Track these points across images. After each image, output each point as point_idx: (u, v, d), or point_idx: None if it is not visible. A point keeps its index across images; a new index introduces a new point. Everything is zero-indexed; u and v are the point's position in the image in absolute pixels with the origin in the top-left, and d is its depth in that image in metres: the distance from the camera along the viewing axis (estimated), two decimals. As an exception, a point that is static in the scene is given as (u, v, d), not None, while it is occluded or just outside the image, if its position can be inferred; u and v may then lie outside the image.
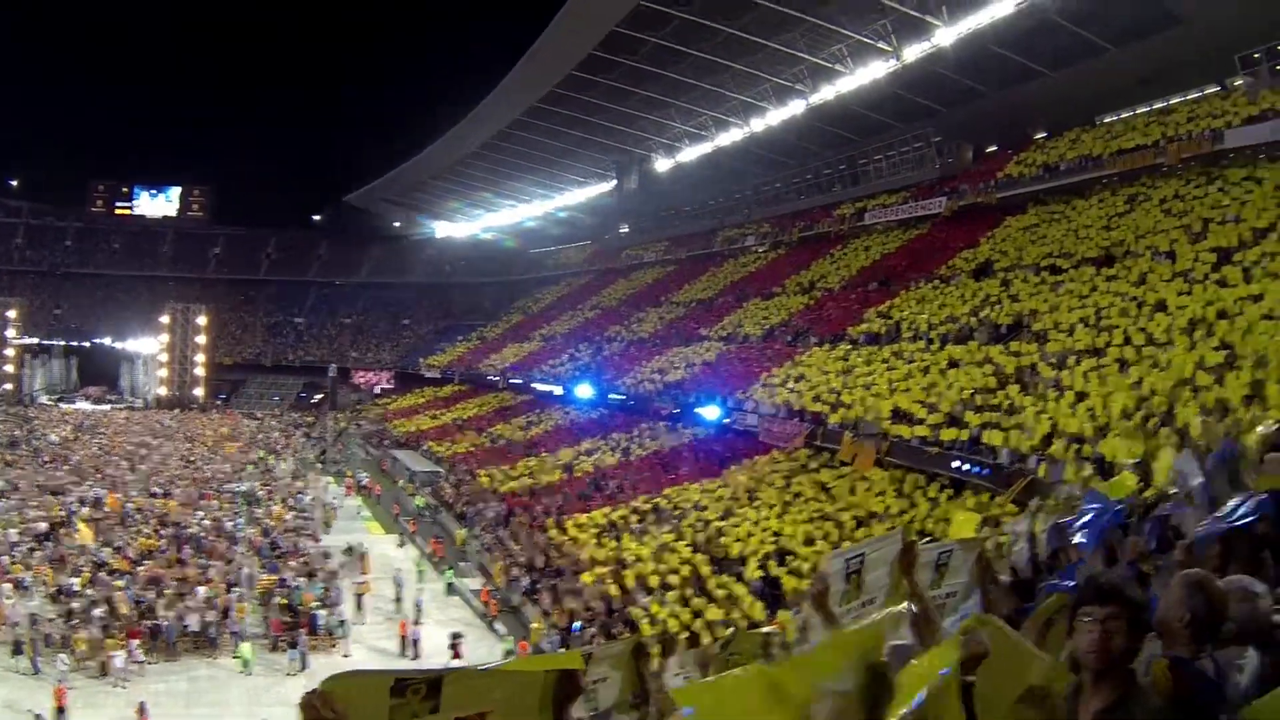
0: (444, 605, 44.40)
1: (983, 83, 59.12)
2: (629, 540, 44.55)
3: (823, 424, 45.91)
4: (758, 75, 65.49)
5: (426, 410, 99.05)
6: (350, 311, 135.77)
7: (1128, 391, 31.97)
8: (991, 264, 53.24)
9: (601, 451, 62.77)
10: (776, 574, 36.35)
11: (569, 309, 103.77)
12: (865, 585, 5.24)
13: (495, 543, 51.00)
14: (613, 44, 62.51)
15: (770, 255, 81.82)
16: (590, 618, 37.68)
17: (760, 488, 45.57)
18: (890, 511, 37.82)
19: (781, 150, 76.33)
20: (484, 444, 75.94)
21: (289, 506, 58.73)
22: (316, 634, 37.58)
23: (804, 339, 59.71)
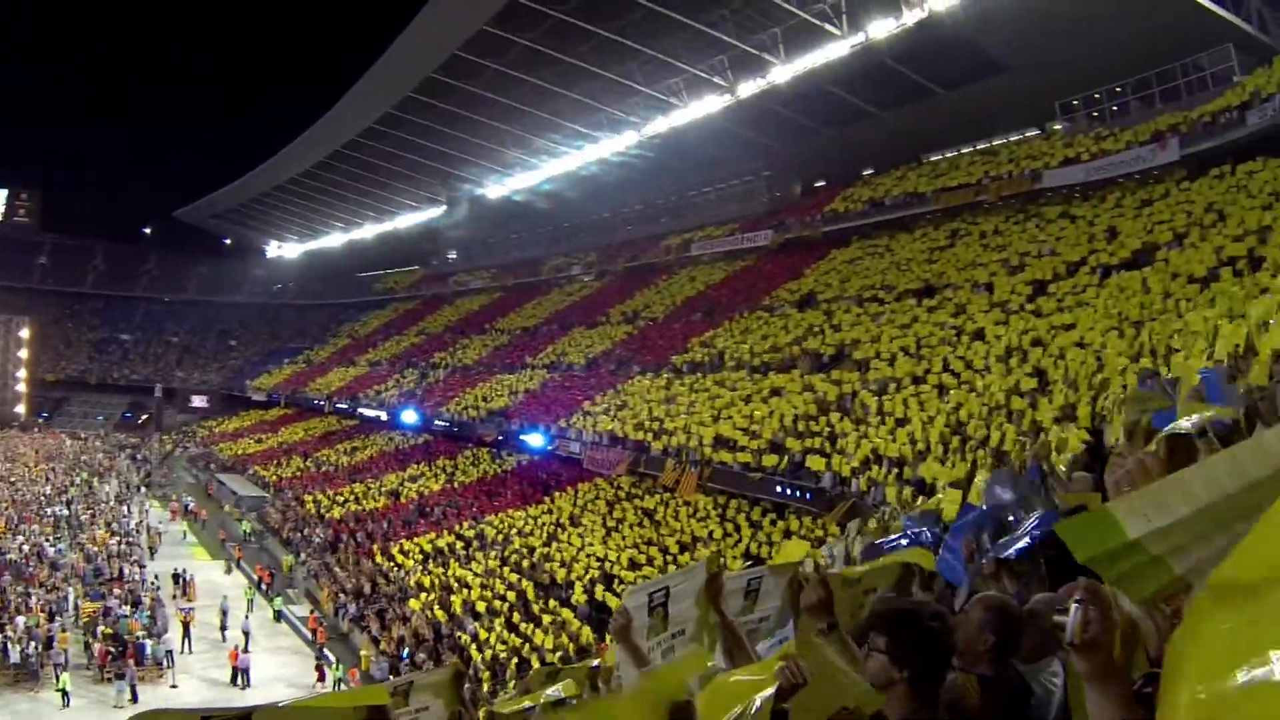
0: (272, 633, 43.65)
1: (815, 120, 60.24)
2: (455, 566, 44.47)
3: (645, 451, 46.28)
4: (591, 104, 65.54)
5: (253, 434, 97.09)
6: (178, 330, 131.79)
7: (946, 416, 32.62)
8: (815, 295, 54.12)
9: (426, 477, 62.40)
10: (604, 599, 36.57)
11: (395, 333, 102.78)
12: (672, 618, 5.17)
13: (322, 569, 50.47)
14: (453, 68, 62.05)
15: (596, 285, 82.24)
16: (419, 644, 37.47)
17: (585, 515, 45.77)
18: (714, 536, 38.46)
19: (612, 180, 76.44)
20: (310, 469, 75.00)
21: (113, 531, 56.95)
22: (143, 664, 36.29)
23: (627, 368, 60.01)
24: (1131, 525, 2.30)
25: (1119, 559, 2.33)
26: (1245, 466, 2.26)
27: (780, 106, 58.01)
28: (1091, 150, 46.47)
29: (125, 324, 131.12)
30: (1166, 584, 2.33)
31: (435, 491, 59.14)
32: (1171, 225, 38.06)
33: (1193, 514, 2.24)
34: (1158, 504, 2.30)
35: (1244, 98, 39.55)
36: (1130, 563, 2.33)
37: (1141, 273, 35.73)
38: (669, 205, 77.05)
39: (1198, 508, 2.24)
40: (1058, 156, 48.43)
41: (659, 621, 5.08)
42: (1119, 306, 33.63)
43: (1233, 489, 2.23)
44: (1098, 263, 39.11)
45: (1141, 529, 2.28)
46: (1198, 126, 41.65)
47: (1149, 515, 2.28)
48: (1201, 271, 32.45)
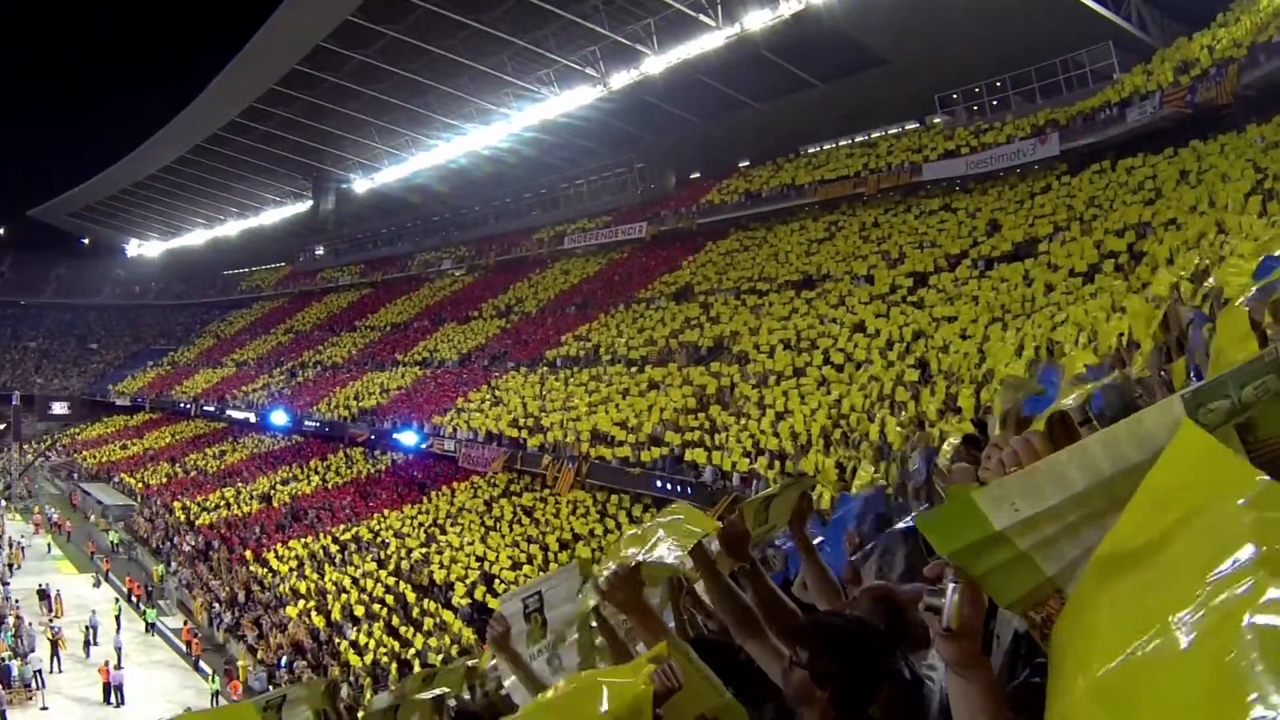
0: (146, 647, 42.71)
1: (690, 111, 59.96)
2: (331, 570, 44.09)
3: (522, 448, 46.05)
4: (462, 97, 64.72)
5: (117, 440, 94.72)
6: (35, 334, 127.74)
7: (828, 409, 32.53)
8: (692, 287, 54.22)
9: (298, 480, 61.49)
10: (484, 599, 36.49)
11: (262, 333, 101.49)
12: (551, 623, 5.06)
13: (194, 578, 49.93)
14: (318, 60, 60.93)
15: (467, 279, 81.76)
16: (299, 652, 37.31)
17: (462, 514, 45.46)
18: (595, 532, 38.45)
19: (484, 173, 75.76)
20: (179, 474, 73.24)
21: (-28, 548, 55.28)
22: (10, 686, 35.16)
23: (501, 363, 59.61)
24: (996, 515, 2.14)
25: (983, 553, 2.18)
26: (1123, 448, 2.06)
27: (653, 97, 57.68)
28: (971, 144, 46.95)
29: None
30: (1034, 588, 2.18)
31: (308, 494, 58.22)
32: (1053, 219, 38.78)
33: (1064, 501, 2.09)
34: (1028, 489, 2.12)
35: (1124, 94, 40.22)
36: (995, 558, 2.18)
37: (1023, 265, 36.35)
38: (541, 198, 76.54)
39: (1070, 494, 2.08)
40: (938, 149, 48.83)
41: (536, 628, 5.00)
42: (1001, 299, 33.91)
43: (1109, 472, 2.05)
44: (979, 255, 39.64)
45: (1008, 519, 2.12)
46: (1077, 122, 42.34)
47: (1017, 503, 2.11)
48: (1083, 265, 33.04)
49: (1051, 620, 2.07)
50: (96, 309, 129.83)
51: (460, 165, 73.64)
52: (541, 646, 5.00)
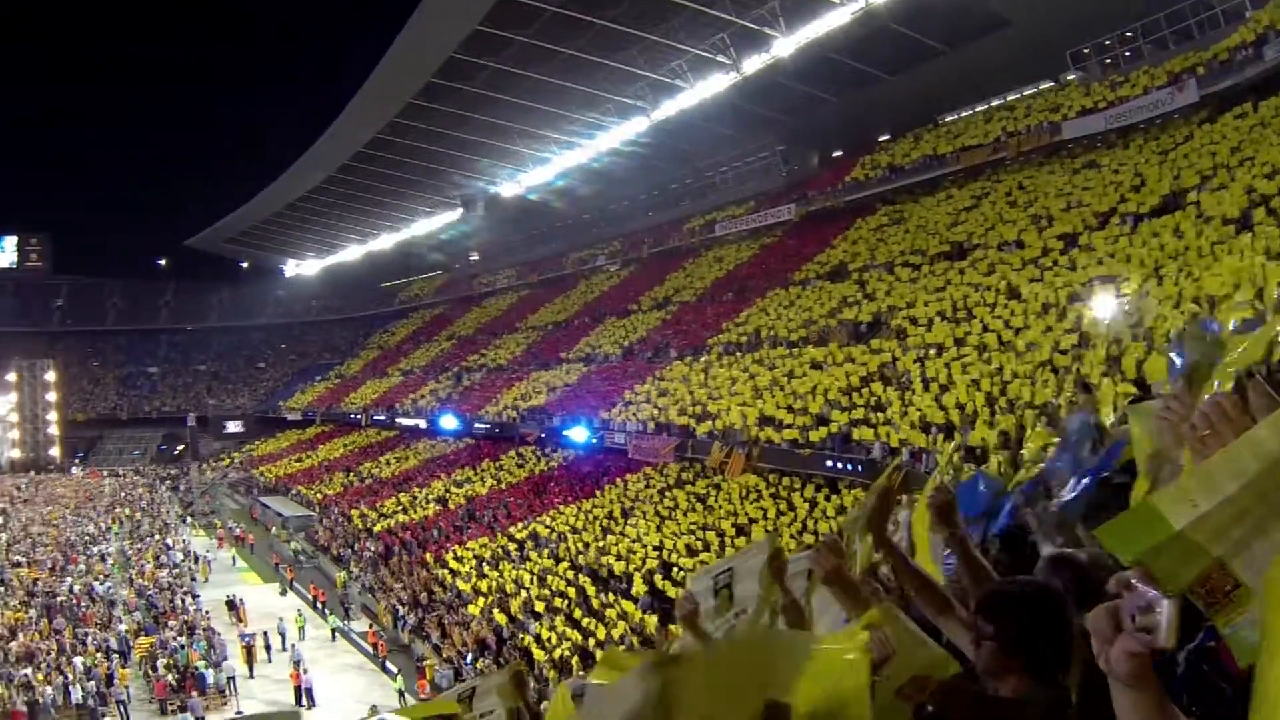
0: (332, 651, 43.74)
1: (823, 90, 60.05)
2: (509, 568, 44.38)
3: (691, 436, 46.19)
4: (599, 95, 65.40)
5: (291, 454, 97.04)
6: (204, 357, 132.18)
7: (991, 379, 32.59)
8: (845, 265, 53.93)
9: (473, 481, 62.21)
10: (663, 587, 36.60)
11: (425, 341, 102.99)
12: (737, 598, 4.96)
13: (376, 582, 50.65)
14: (450, 72, 62.01)
15: (623, 273, 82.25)
16: (482, 649, 37.60)
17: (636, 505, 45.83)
18: (768, 516, 38.29)
19: (628, 168, 76.27)
20: (354, 483, 74.92)
21: (160, 564, 57.10)
22: (205, 693, 36.34)
23: (664, 354, 59.99)
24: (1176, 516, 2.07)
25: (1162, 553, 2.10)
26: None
27: (787, 79, 57.73)
28: (1108, 98, 46.10)
29: (150, 357, 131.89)
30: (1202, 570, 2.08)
31: (483, 495, 58.90)
32: (1198, 168, 37.51)
33: (1239, 489, 2.05)
34: (1208, 484, 2.08)
35: (1259, 31, 39.08)
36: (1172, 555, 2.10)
37: (1173, 218, 35.42)
38: (688, 188, 76.92)
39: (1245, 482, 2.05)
40: (1075, 106, 48.01)
41: (723, 602, 4.96)
42: (1153, 255, 33.44)
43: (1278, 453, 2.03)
44: (1127, 211, 38.73)
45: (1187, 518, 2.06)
46: (1214, 66, 41.22)
47: (1197, 499, 2.06)
48: (1234, 213, 32.10)
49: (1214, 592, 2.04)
50: (261, 329, 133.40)
51: (604, 162, 74.39)
52: (724, 620, 4.93)
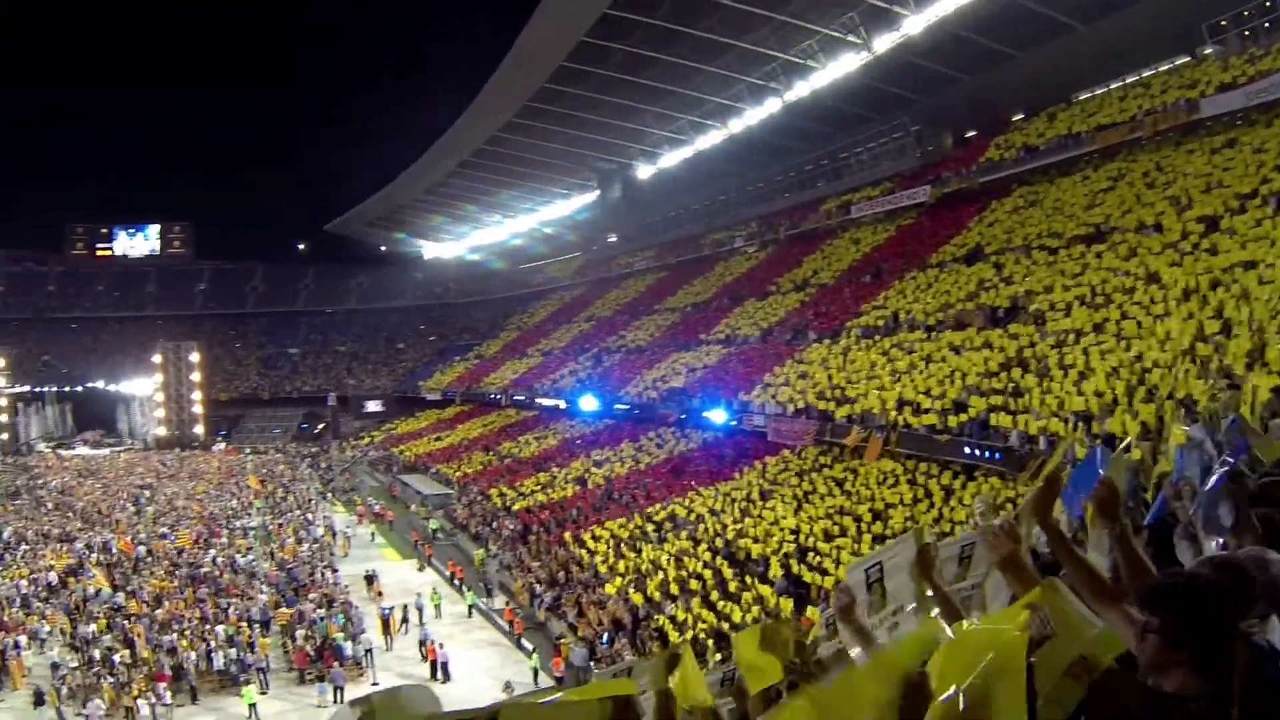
0: (468, 627, 44.45)
1: (955, 68, 59.79)
2: (647, 548, 44.67)
3: (830, 420, 46.17)
4: (731, 76, 65.92)
5: (430, 433, 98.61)
6: (344, 339, 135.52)
7: (1130, 366, 32.40)
8: (982, 248, 53.48)
9: (611, 462, 62.68)
10: (799, 572, 36.57)
11: (564, 322, 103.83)
12: (889, 593, 5.12)
13: (514, 560, 51.18)
14: (582, 54, 62.87)
15: (760, 255, 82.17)
16: (618, 629, 37.97)
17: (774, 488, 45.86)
18: (905, 501, 38.27)
19: (762, 149, 76.57)
20: (493, 462, 75.69)
21: (300, 539, 58.87)
22: (343, 664, 37.52)
23: (803, 336, 59.86)
24: None
25: None
26: None
27: (918, 58, 57.90)
28: (1248, 73, 44.90)
29: (291, 339, 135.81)
30: None
31: (622, 475, 59.27)
32: None
33: None
34: None
35: None
36: None
37: None
38: (822, 169, 76.41)
39: None
40: (1213, 82, 46.81)
41: (878, 597, 5.08)
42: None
43: None
44: (1270, 192, 37.56)
45: None
46: (1361, 33, 40.18)
47: None
48: None
49: None
50: (400, 311, 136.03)
51: (739, 144, 74.55)
52: (883, 615, 5.08)
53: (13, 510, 71.61)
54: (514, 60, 65.92)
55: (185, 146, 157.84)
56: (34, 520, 66.91)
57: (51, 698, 34.17)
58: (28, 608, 44.73)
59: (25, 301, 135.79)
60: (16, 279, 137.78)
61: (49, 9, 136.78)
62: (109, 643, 38.89)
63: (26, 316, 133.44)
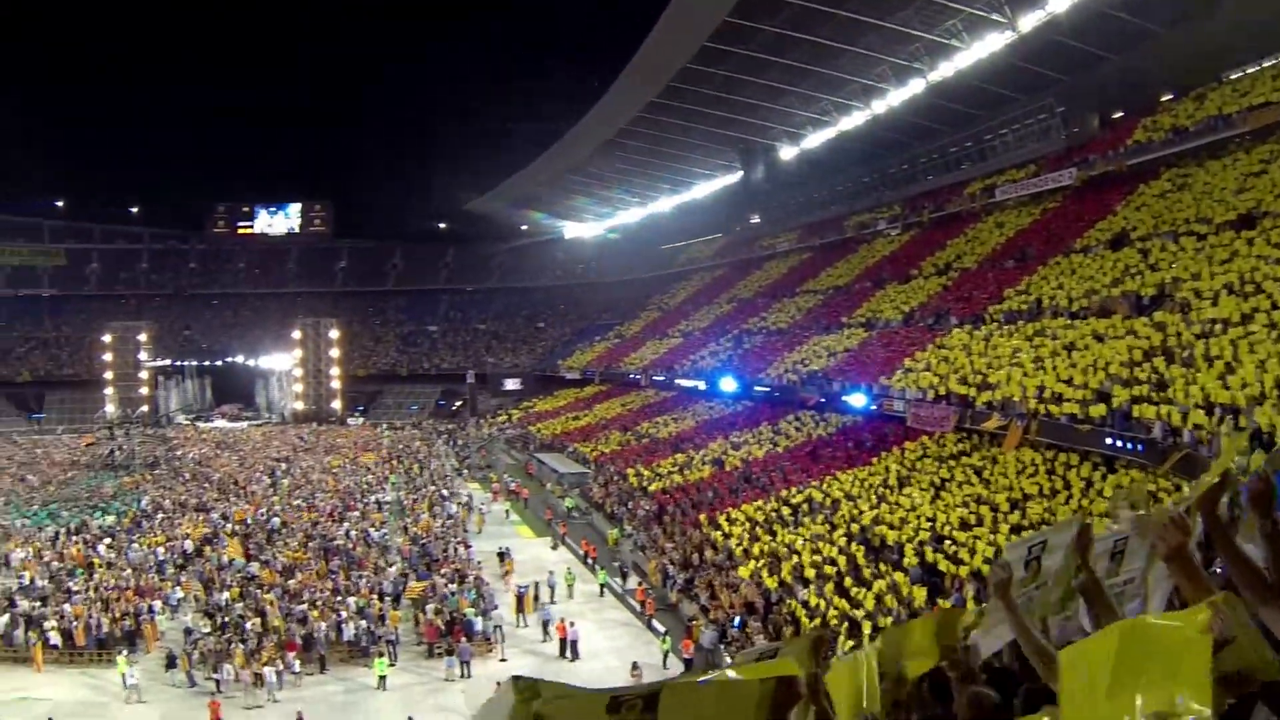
0: (599, 606, 44.73)
1: (1102, 47, 58.56)
2: (783, 532, 44.44)
3: (970, 406, 45.63)
4: (874, 56, 65.39)
5: (568, 412, 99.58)
6: (484, 317, 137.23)
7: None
8: (1128, 233, 52.21)
9: (749, 444, 62.38)
10: (934, 560, 36.31)
11: (705, 303, 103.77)
12: (1044, 571, 5.13)
13: (649, 541, 51.32)
14: (725, 34, 62.98)
15: (903, 238, 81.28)
16: (750, 612, 37.89)
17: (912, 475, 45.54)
18: (1044, 492, 37.77)
19: (906, 131, 76.17)
20: (630, 442, 76.02)
21: (435, 514, 59.74)
22: (473, 639, 37.87)
23: (945, 321, 59.25)
24: None
25: None
26: None
27: (1064, 36, 56.63)
28: None
29: (430, 316, 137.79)
30: None
31: (759, 458, 58.87)
32: None
33: None
34: None
35: None
36: None
37: None
38: (966, 151, 75.26)
39: None
40: None
41: (1031, 575, 5.07)
42: None
43: None
44: None
45: None
46: None
47: None
48: None
49: None
50: (540, 290, 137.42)
51: (882, 125, 74.13)
52: (1027, 590, 5.07)
53: (151, 480, 74.37)
54: (656, 41, 66.12)
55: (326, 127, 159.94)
56: (171, 490, 69.40)
57: (183, 661, 35.48)
58: (162, 574, 46.57)
59: (167, 278, 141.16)
60: (159, 257, 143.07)
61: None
62: (241, 611, 40.15)
63: (168, 293, 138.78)
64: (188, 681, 35.08)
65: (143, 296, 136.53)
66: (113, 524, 57.31)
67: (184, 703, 33.38)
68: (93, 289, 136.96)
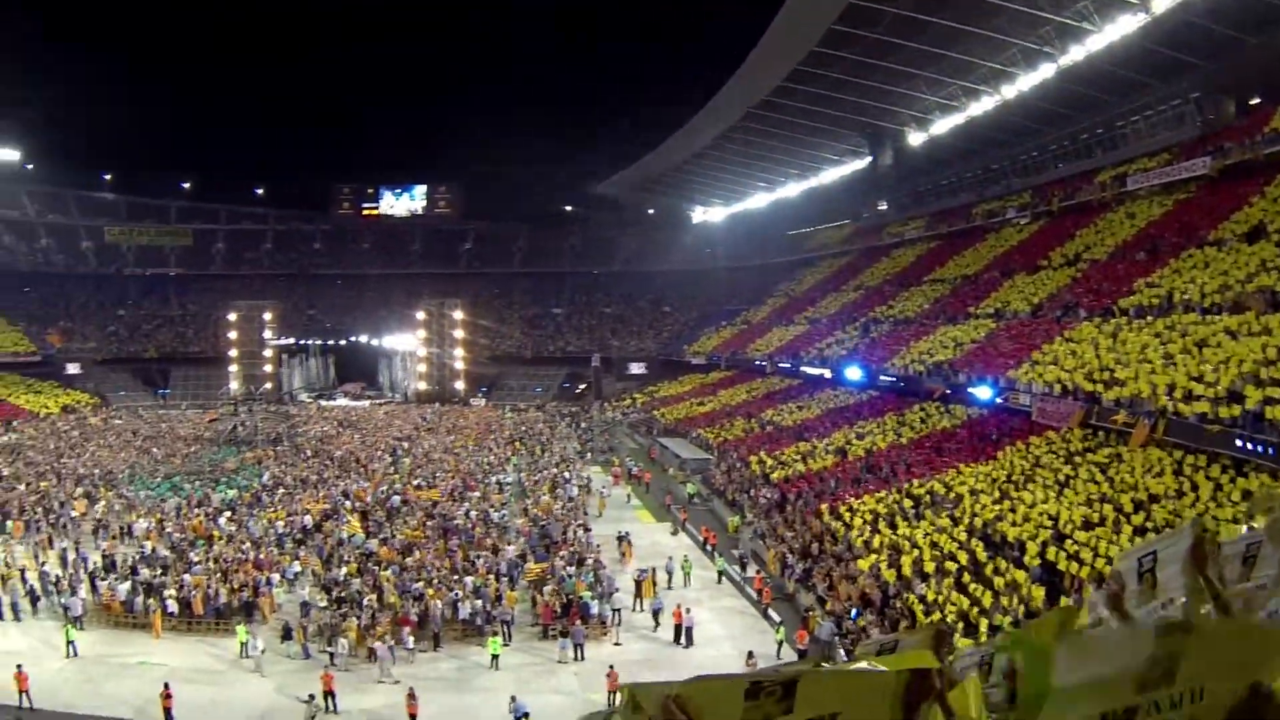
0: (716, 594, 44.71)
1: (1239, 30, 56.48)
2: (903, 525, 44.18)
3: (1097, 402, 44.83)
4: (1004, 39, 64.46)
5: (693, 397, 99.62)
6: (609, 300, 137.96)
7: None
8: (1265, 226, 50.65)
9: (873, 434, 61.97)
10: (1055, 559, 35.61)
11: (832, 290, 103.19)
12: (1160, 584, 4.82)
13: (768, 529, 51.09)
14: (850, 17, 62.75)
15: (1032, 227, 79.86)
16: (866, 605, 37.68)
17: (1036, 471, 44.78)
18: (1170, 493, 36.78)
19: (1035, 117, 74.88)
20: (754, 429, 75.82)
21: (555, 496, 60.18)
22: (588, 622, 38.08)
23: (1073, 313, 58.10)
24: None
25: None
26: None
27: (1200, 18, 55.11)
28: None
29: (555, 299, 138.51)
30: None
31: (883, 449, 58.58)
32: None
33: None
34: None
35: None
36: None
37: None
38: (1098, 138, 73.45)
39: None
40: None
41: (1147, 588, 4.87)
42: None
43: None
44: None
45: None
46: None
47: None
48: None
49: None
50: (666, 274, 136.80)
51: (1011, 110, 73.21)
52: (1151, 609, 4.82)
53: (273, 456, 75.89)
54: (781, 25, 65.94)
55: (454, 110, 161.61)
56: (293, 466, 70.82)
57: (298, 634, 36.56)
58: (281, 547, 47.92)
59: (291, 258, 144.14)
60: (284, 237, 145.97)
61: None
62: (358, 586, 40.88)
63: (292, 272, 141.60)
64: (302, 653, 36.13)
65: (267, 276, 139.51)
66: (234, 498, 58.88)
67: (298, 674, 34.14)
68: (218, 268, 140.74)
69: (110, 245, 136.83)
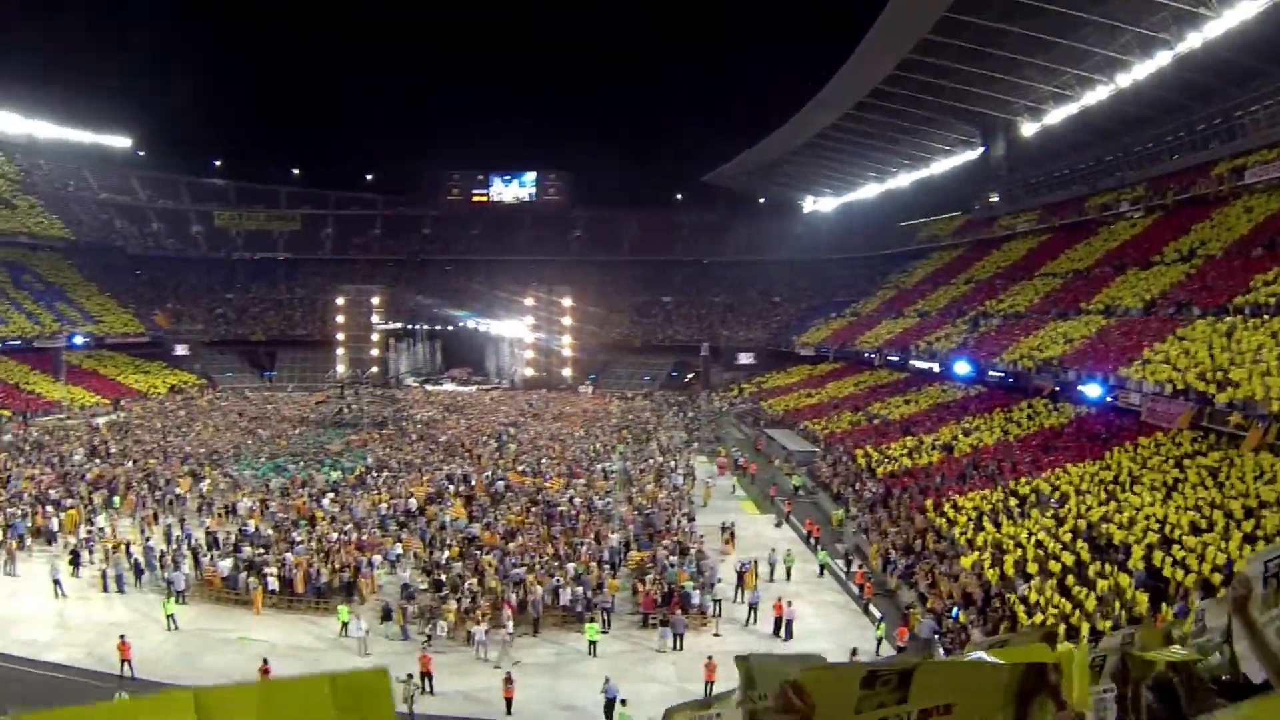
0: (817, 587, 44.28)
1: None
2: (1008, 524, 43.49)
3: (1209, 403, 43.85)
4: (1119, 26, 63.34)
5: (801, 389, 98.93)
6: (719, 289, 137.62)
7: None
8: None
9: (980, 431, 61.26)
10: (1160, 564, 34.74)
11: (942, 283, 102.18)
12: None
13: (873, 524, 50.66)
14: (963, 4, 62.16)
15: (1146, 221, 78.11)
16: (967, 603, 37.24)
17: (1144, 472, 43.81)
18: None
19: (1150, 106, 73.36)
20: (861, 423, 75.33)
21: (661, 485, 59.99)
22: (689, 612, 37.99)
23: (1186, 311, 56.91)
24: None
25: None
26: None
27: (1322, 2, 53.79)
28: None
29: (664, 287, 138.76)
30: None
31: (990, 445, 57.90)
32: None
33: None
34: None
35: None
36: None
37: None
38: (1215, 129, 71.72)
39: None
40: None
41: (1273, 592, 4.50)
42: None
43: None
44: None
45: None
46: None
47: None
48: None
49: None
50: (776, 264, 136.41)
51: (1126, 100, 71.98)
52: (1274, 615, 4.50)
53: (378, 439, 76.82)
54: (892, 12, 65.36)
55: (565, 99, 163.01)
56: (399, 450, 71.52)
57: (398, 615, 37.01)
58: (384, 529, 48.26)
59: (399, 244, 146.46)
60: (391, 223, 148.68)
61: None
62: (459, 570, 41.19)
63: (401, 258, 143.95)
64: (401, 634, 36.53)
65: (375, 261, 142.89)
66: (338, 479, 59.63)
67: (396, 655, 34.23)
68: (326, 253, 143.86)
69: (220, 229, 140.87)
